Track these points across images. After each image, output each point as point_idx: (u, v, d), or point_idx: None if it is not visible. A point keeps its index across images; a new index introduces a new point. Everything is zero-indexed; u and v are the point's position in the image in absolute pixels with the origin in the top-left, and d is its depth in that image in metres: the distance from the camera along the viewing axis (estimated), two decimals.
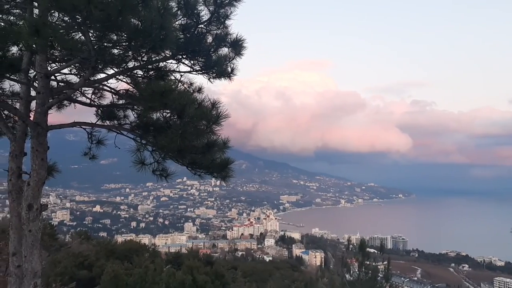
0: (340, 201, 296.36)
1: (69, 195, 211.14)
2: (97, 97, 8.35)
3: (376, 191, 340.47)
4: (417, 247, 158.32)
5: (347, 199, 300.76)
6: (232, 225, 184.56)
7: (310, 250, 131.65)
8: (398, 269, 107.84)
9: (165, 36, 5.40)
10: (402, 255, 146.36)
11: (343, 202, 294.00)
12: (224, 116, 6.26)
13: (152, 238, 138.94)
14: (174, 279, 13.45)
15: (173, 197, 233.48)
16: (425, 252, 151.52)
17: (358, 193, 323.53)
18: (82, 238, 33.04)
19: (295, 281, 31.35)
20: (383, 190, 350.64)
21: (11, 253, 6.57)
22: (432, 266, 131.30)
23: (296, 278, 39.47)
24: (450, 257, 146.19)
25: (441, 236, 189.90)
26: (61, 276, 16.23)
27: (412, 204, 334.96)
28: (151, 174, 7.34)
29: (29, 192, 6.29)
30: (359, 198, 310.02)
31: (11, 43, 5.85)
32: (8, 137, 6.89)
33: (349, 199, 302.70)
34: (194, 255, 28.50)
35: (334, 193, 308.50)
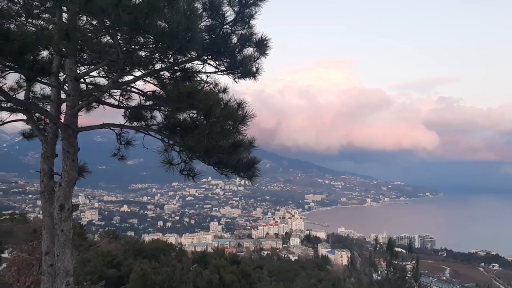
0: (366, 200, 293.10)
1: (97, 195, 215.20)
2: (125, 98, 8.50)
3: (403, 190, 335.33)
4: (445, 246, 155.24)
5: (373, 198, 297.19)
6: (257, 225, 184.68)
7: (336, 249, 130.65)
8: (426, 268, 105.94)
9: (191, 38, 5.44)
10: (430, 254, 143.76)
11: (369, 201, 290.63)
12: (250, 116, 6.27)
13: (178, 237, 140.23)
14: (201, 278, 13.54)
15: (199, 197, 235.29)
16: (454, 251, 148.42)
17: (384, 192, 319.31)
18: (111, 237, 33.65)
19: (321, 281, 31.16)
20: (409, 188, 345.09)
21: (44, 252, 6.75)
22: (461, 266, 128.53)
23: (322, 277, 39.21)
24: (479, 256, 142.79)
25: (470, 235, 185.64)
26: (90, 275, 16.53)
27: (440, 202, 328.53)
28: (178, 174, 7.42)
29: (60, 192, 6.45)
30: (385, 197, 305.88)
31: (42, 47, 6.00)
32: (40, 139, 7.08)
33: (375, 198, 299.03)
34: (220, 254, 28.63)
35: (360, 192, 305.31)
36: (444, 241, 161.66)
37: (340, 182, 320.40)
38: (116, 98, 8.48)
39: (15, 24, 6.75)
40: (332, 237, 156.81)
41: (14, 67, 6.18)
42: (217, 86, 7.81)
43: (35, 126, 7.25)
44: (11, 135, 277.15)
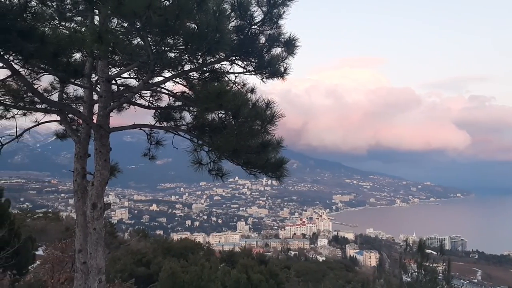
0: (395, 200, 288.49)
1: (127, 194, 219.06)
2: (155, 99, 8.62)
3: (433, 190, 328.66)
4: (477, 248, 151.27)
5: (402, 199, 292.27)
6: (284, 225, 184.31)
7: (365, 250, 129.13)
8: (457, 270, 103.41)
9: (220, 39, 5.46)
10: (461, 256, 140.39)
11: (398, 202, 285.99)
12: (279, 116, 6.27)
13: (206, 237, 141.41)
14: (229, 277, 13.62)
15: (226, 196, 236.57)
16: (486, 253, 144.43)
17: (414, 192, 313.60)
18: (140, 236, 34.26)
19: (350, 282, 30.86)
20: (440, 189, 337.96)
21: (77, 250, 6.91)
22: (493, 268, 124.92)
23: (350, 278, 38.82)
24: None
25: (503, 236, 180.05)
26: (121, 272, 16.85)
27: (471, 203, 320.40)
28: (206, 173, 7.49)
29: (93, 191, 6.59)
30: (415, 198, 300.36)
31: (75, 49, 6.15)
32: (73, 139, 7.26)
33: (405, 199, 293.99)
34: (247, 254, 28.72)
35: (389, 193, 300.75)
36: (475, 243, 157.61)
37: (368, 182, 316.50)
38: (146, 99, 8.62)
39: (49, 27, 6.93)
40: (360, 238, 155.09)
41: (49, 69, 6.36)
42: (245, 86, 7.84)
43: (69, 127, 7.44)
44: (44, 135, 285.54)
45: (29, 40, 5.12)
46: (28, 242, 13.56)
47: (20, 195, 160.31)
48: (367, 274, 47.32)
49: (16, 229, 13.24)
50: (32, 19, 5.33)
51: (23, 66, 6.06)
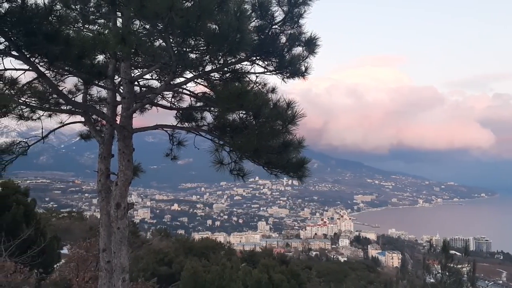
0: (418, 201, 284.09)
1: (149, 194, 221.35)
2: (177, 100, 8.70)
3: (456, 190, 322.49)
4: (502, 249, 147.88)
5: (425, 199, 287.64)
6: (305, 225, 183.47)
7: (387, 251, 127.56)
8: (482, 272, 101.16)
9: (241, 39, 5.47)
10: (486, 257, 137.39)
11: (421, 202, 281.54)
12: (300, 116, 6.25)
13: (227, 236, 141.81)
14: (250, 277, 13.64)
15: (246, 196, 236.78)
16: (511, 254, 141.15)
17: (437, 192, 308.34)
18: (162, 235, 34.58)
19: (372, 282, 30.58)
20: (464, 189, 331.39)
21: (101, 249, 7.02)
22: None
23: (372, 279, 38.43)
24: None
25: None
26: (143, 271, 17.02)
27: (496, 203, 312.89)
28: (227, 173, 7.51)
29: (117, 191, 6.68)
30: (438, 198, 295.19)
31: (99, 51, 6.24)
32: (97, 140, 7.37)
33: (428, 199, 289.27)
34: (268, 253, 28.74)
35: (411, 193, 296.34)
36: (500, 244, 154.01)
37: (390, 182, 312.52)
38: (168, 100, 8.71)
39: (73, 30, 7.05)
40: (382, 238, 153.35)
41: (73, 71, 6.48)
42: (266, 86, 7.84)
43: (93, 128, 7.56)
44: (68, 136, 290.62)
45: (54, 43, 5.22)
46: (54, 241, 13.81)
47: (45, 195, 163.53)
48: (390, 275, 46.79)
49: (42, 228, 13.52)
50: (57, 22, 5.44)
51: (48, 68, 6.18)
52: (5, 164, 7.31)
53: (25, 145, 7.48)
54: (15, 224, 11.97)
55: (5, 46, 5.65)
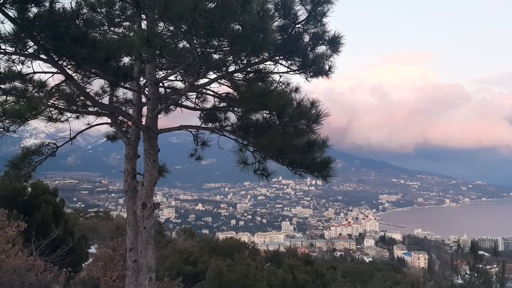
0: (445, 200, 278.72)
1: (174, 194, 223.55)
2: (200, 101, 8.77)
3: (484, 190, 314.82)
4: None
5: (452, 199, 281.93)
6: (329, 225, 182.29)
7: (413, 251, 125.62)
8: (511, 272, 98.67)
9: (264, 39, 5.47)
10: None
11: (448, 202, 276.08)
12: (324, 115, 6.21)
13: (251, 236, 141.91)
14: (275, 277, 13.61)
15: (270, 196, 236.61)
16: None
17: (464, 192, 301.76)
18: (187, 235, 34.86)
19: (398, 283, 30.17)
20: (492, 188, 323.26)
21: (128, 248, 7.12)
22: None
23: (398, 280, 37.90)
24: None
25: None
26: (169, 270, 17.20)
27: None
28: (251, 173, 7.52)
29: (143, 191, 6.77)
30: (465, 197, 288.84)
31: (125, 54, 6.34)
32: (124, 140, 7.49)
33: (454, 199, 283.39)
34: (292, 253, 28.61)
35: (438, 192, 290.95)
36: None
37: (416, 182, 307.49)
38: (192, 101, 8.78)
39: (99, 33, 7.18)
40: (408, 239, 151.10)
41: (100, 73, 6.59)
42: (289, 86, 7.83)
43: (119, 129, 7.68)
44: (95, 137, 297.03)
45: (81, 46, 5.33)
46: (82, 241, 14.09)
47: (73, 195, 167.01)
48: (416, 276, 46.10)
49: (70, 228, 13.81)
50: (83, 25, 5.55)
51: (75, 71, 6.31)
52: (34, 165, 7.49)
53: (54, 146, 7.65)
54: (45, 223, 12.25)
55: (34, 49, 5.80)
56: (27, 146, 7.53)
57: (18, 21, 5.15)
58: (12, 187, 12.64)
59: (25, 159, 7.28)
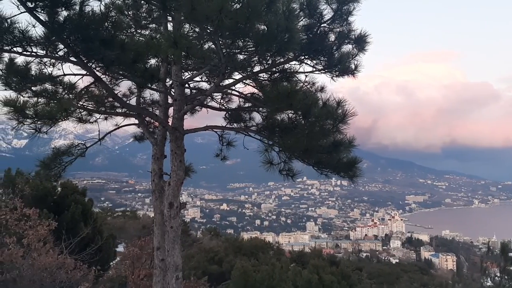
0: (473, 201, 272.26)
1: (199, 194, 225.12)
2: (225, 101, 8.81)
3: None
4: None
5: (480, 199, 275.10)
6: (354, 226, 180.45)
7: (440, 253, 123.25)
8: None
9: (289, 38, 5.46)
10: None
11: (477, 203, 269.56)
12: (351, 115, 6.16)
13: (275, 236, 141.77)
14: (300, 277, 13.56)
15: (294, 196, 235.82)
16: None
17: (494, 192, 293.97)
18: (212, 234, 35.09)
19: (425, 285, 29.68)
20: None
21: (156, 247, 7.21)
22: None
23: (426, 282, 37.29)
24: None
25: None
26: (194, 270, 17.35)
27: None
28: (275, 173, 7.53)
29: (169, 191, 6.85)
30: (494, 198, 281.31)
31: (152, 55, 6.43)
32: (150, 141, 7.59)
33: (483, 199, 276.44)
34: (317, 254, 28.45)
35: (466, 193, 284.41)
36: None
37: (443, 182, 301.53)
38: (217, 101, 8.84)
39: (126, 35, 7.30)
40: (435, 240, 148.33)
41: (127, 75, 6.71)
42: (314, 86, 7.79)
43: (146, 130, 7.80)
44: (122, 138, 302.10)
45: (110, 48, 5.42)
46: (110, 239, 14.32)
47: (101, 194, 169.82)
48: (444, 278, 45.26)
49: (99, 227, 14.06)
50: (112, 28, 5.65)
51: (104, 73, 6.43)
52: (65, 165, 7.67)
53: (83, 147, 7.82)
54: (74, 222, 12.51)
55: (64, 52, 5.94)
56: (57, 146, 7.72)
57: (48, 25, 5.28)
58: (43, 187, 12.94)
59: (56, 159, 7.46)
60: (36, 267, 8.19)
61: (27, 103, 5.69)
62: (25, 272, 8.19)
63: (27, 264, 8.25)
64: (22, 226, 8.58)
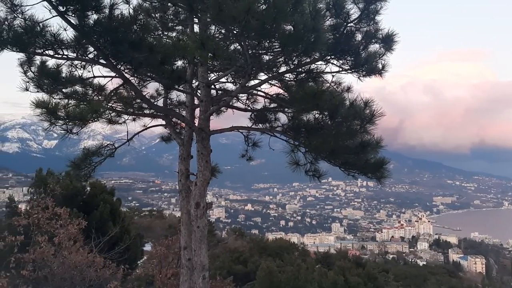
0: (503, 203, 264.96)
1: (224, 194, 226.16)
2: (251, 102, 8.83)
3: None
4: None
5: (511, 201, 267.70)
6: (381, 227, 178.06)
7: (469, 255, 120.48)
8: None
9: (316, 39, 5.44)
10: None
11: (507, 204, 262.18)
12: (378, 115, 6.09)
13: (300, 237, 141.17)
14: (326, 279, 13.49)
15: (319, 197, 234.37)
16: None
17: None
18: (237, 234, 35.23)
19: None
20: None
21: (183, 246, 7.29)
22: None
23: (454, 284, 36.56)
24: None
25: None
26: (220, 269, 17.43)
27: None
28: (300, 174, 7.49)
29: (196, 191, 6.91)
30: None
31: (179, 57, 6.50)
32: (177, 142, 7.68)
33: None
34: (343, 255, 28.24)
35: (496, 194, 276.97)
36: None
37: (472, 183, 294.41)
38: (243, 102, 8.87)
39: (153, 37, 7.41)
40: (464, 242, 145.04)
41: (155, 77, 6.81)
42: (340, 86, 7.74)
43: (173, 130, 7.90)
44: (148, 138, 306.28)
45: (138, 50, 5.51)
46: (137, 239, 14.53)
47: (128, 194, 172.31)
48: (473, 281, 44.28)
49: (127, 226, 14.27)
50: (140, 30, 5.74)
51: (132, 74, 6.54)
52: (94, 165, 7.83)
53: (112, 147, 7.96)
54: (103, 222, 12.73)
55: (94, 55, 6.07)
56: (87, 147, 7.88)
57: (79, 28, 5.40)
58: (73, 186, 13.22)
59: (86, 160, 7.62)
60: (66, 265, 8.38)
61: (58, 105, 5.83)
62: (56, 270, 8.39)
63: (58, 262, 8.45)
64: (53, 225, 8.78)
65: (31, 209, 9.43)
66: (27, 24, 5.38)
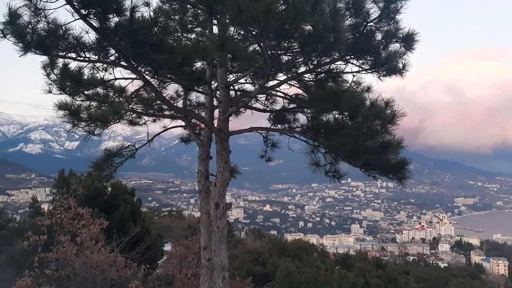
0: None
1: (242, 195, 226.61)
2: (270, 103, 8.83)
3: None
4: None
5: None
6: (401, 228, 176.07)
7: (492, 257, 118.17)
8: None
9: (335, 38, 5.41)
10: None
11: None
12: (400, 115, 6.02)
13: (319, 238, 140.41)
14: (345, 280, 13.38)
15: (338, 198, 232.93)
16: None
17: None
18: (256, 235, 35.22)
19: None
20: None
21: (203, 247, 7.33)
22: None
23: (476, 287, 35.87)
24: None
25: None
26: (239, 270, 17.44)
27: None
28: (318, 175, 7.45)
29: (215, 192, 6.94)
30: None
31: (198, 59, 6.54)
32: (197, 142, 7.73)
33: None
34: (363, 257, 27.99)
35: None
36: None
37: (495, 184, 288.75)
38: (262, 103, 8.87)
39: (173, 39, 7.46)
40: (486, 244, 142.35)
41: (175, 78, 6.86)
42: (360, 85, 7.68)
43: (192, 131, 7.95)
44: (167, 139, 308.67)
45: (159, 52, 5.56)
46: (157, 239, 14.63)
47: (148, 194, 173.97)
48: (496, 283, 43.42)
49: (147, 226, 14.40)
50: (160, 32, 5.79)
51: (153, 76, 6.60)
52: (116, 166, 7.92)
53: (133, 148, 8.04)
54: (124, 222, 12.86)
55: (115, 57, 6.15)
56: (108, 148, 7.98)
57: (101, 31, 5.47)
58: (94, 187, 13.40)
59: (107, 160, 7.72)
60: (88, 264, 8.49)
61: (81, 107, 5.92)
62: (78, 269, 8.51)
63: (80, 261, 8.57)
64: (76, 225, 8.90)
65: (54, 209, 9.57)
66: (50, 27, 5.47)
